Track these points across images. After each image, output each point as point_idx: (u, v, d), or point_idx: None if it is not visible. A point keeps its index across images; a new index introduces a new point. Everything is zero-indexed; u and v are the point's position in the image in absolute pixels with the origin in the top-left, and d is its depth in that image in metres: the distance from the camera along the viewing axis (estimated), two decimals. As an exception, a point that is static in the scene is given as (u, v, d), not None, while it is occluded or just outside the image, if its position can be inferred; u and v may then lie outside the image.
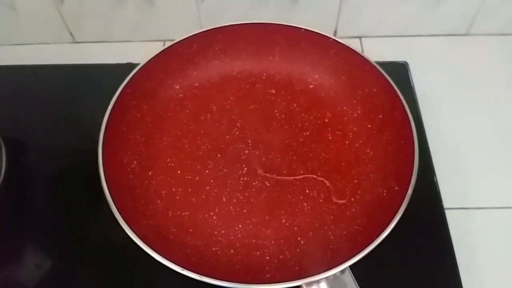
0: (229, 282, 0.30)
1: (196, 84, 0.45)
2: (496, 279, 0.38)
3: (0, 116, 0.44)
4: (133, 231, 0.32)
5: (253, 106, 0.44)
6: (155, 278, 0.37)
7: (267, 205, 0.38)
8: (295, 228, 0.37)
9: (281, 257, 0.35)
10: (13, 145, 0.44)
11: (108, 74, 0.44)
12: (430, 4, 0.52)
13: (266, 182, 0.39)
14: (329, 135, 0.42)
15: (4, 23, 0.55)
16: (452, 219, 0.40)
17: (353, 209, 0.37)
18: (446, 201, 0.41)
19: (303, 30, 0.43)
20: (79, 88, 0.50)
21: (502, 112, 0.48)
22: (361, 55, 0.42)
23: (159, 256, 0.31)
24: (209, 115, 0.43)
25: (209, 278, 0.30)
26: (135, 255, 0.35)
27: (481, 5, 0.52)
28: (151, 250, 0.31)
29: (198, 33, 0.43)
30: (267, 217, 0.37)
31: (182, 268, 0.30)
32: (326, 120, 0.43)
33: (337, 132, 0.42)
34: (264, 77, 0.45)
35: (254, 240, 0.36)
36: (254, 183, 0.39)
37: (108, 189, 0.34)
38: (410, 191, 0.33)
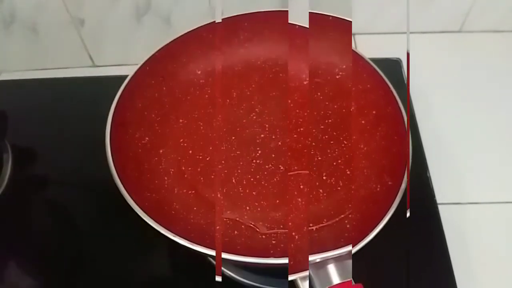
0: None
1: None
2: (489, 274, 0.38)
3: (13, 125, 0.46)
4: (131, 198, 0.30)
5: (275, 93, 0.42)
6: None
7: (279, 189, 0.35)
8: (308, 214, 0.33)
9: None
10: (21, 154, 0.46)
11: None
12: (423, 1, 0.51)
13: (280, 166, 0.36)
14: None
15: (25, 48, 0.58)
16: (446, 214, 0.40)
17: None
18: (439, 196, 0.41)
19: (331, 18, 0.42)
20: (96, 100, 0.50)
21: (495, 108, 0.48)
22: (355, 51, 0.40)
23: (153, 221, 0.28)
24: (228, 100, 0.42)
25: (199, 246, 0.27)
26: (138, 260, 0.38)
27: (474, 2, 0.51)
28: (144, 214, 0.29)
29: (224, 19, 0.43)
30: (277, 201, 0.34)
31: (174, 235, 0.28)
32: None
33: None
34: (288, 67, 0.44)
35: (261, 223, 0.33)
36: (267, 166, 0.37)
37: (112, 155, 0.33)
38: (403, 185, 0.30)
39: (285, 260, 0.27)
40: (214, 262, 0.36)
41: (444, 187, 0.42)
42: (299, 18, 0.43)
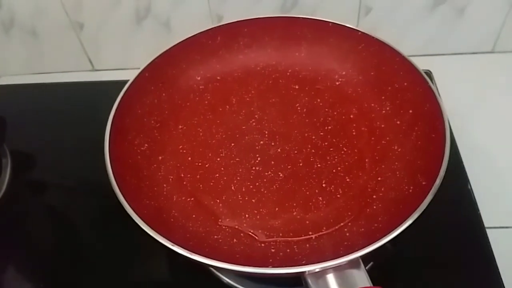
0: (218, 262, 0.26)
1: (218, 78, 0.44)
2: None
3: (12, 129, 0.45)
4: (130, 206, 0.30)
5: (274, 99, 0.42)
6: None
7: (278, 196, 0.35)
8: (307, 222, 0.33)
9: (288, 251, 0.31)
10: (20, 158, 0.46)
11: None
12: (452, 21, 0.51)
13: (280, 173, 0.36)
14: (354, 131, 0.39)
15: (25, 51, 0.58)
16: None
17: (375, 207, 0.33)
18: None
19: (331, 24, 0.42)
20: (96, 105, 0.47)
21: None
22: (391, 47, 0.39)
23: (151, 230, 0.28)
24: (227, 106, 0.42)
25: (197, 255, 0.27)
26: (138, 266, 0.37)
27: (503, 22, 0.51)
28: (143, 223, 0.29)
29: (223, 25, 0.43)
30: (277, 209, 0.34)
31: (172, 244, 0.27)
32: (351, 116, 0.40)
33: (363, 128, 0.39)
34: (288, 73, 0.44)
35: (260, 231, 0.33)
36: (266, 174, 0.36)
37: (111, 162, 0.32)
38: (438, 181, 0.29)
39: (283, 270, 0.26)
40: (215, 271, 0.36)
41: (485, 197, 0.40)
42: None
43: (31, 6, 0.53)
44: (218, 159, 0.38)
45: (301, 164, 0.37)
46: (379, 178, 0.35)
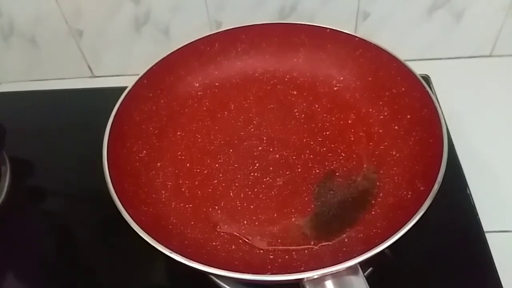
0: (217, 269, 0.26)
1: (217, 84, 0.44)
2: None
3: (11, 136, 0.45)
4: (128, 213, 0.30)
5: (272, 105, 0.42)
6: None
7: (277, 202, 0.35)
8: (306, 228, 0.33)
9: (286, 257, 0.31)
10: (19, 165, 0.46)
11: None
12: (452, 26, 0.51)
13: (278, 179, 0.36)
14: (352, 136, 0.39)
15: (24, 58, 0.58)
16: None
17: (373, 212, 0.33)
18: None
19: (328, 30, 0.42)
20: (95, 112, 0.46)
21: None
22: (389, 53, 0.39)
23: (149, 237, 0.28)
24: (226, 112, 0.42)
25: (196, 263, 0.27)
26: (136, 273, 0.37)
27: (502, 26, 0.51)
28: (141, 230, 0.28)
29: (221, 31, 0.43)
30: (275, 215, 0.34)
31: (170, 251, 0.27)
32: (349, 122, 0.40)
33: (361, 134, 0.39)
34: (286, 79, 0.44)
35: (258, 237, 0.33)
36: (264, 179, 0.36)
37: (109, 169, 0.32)
38: (436, 187, 0.29)
39: (282, 277, 0.26)
40: (214, 278, 0.36)
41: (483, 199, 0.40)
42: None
43: (30, 14, 0.54)
44: (217, 165, 0.38)
45: (299, 170, 0.37)
46: (377, 184, 0.35)
